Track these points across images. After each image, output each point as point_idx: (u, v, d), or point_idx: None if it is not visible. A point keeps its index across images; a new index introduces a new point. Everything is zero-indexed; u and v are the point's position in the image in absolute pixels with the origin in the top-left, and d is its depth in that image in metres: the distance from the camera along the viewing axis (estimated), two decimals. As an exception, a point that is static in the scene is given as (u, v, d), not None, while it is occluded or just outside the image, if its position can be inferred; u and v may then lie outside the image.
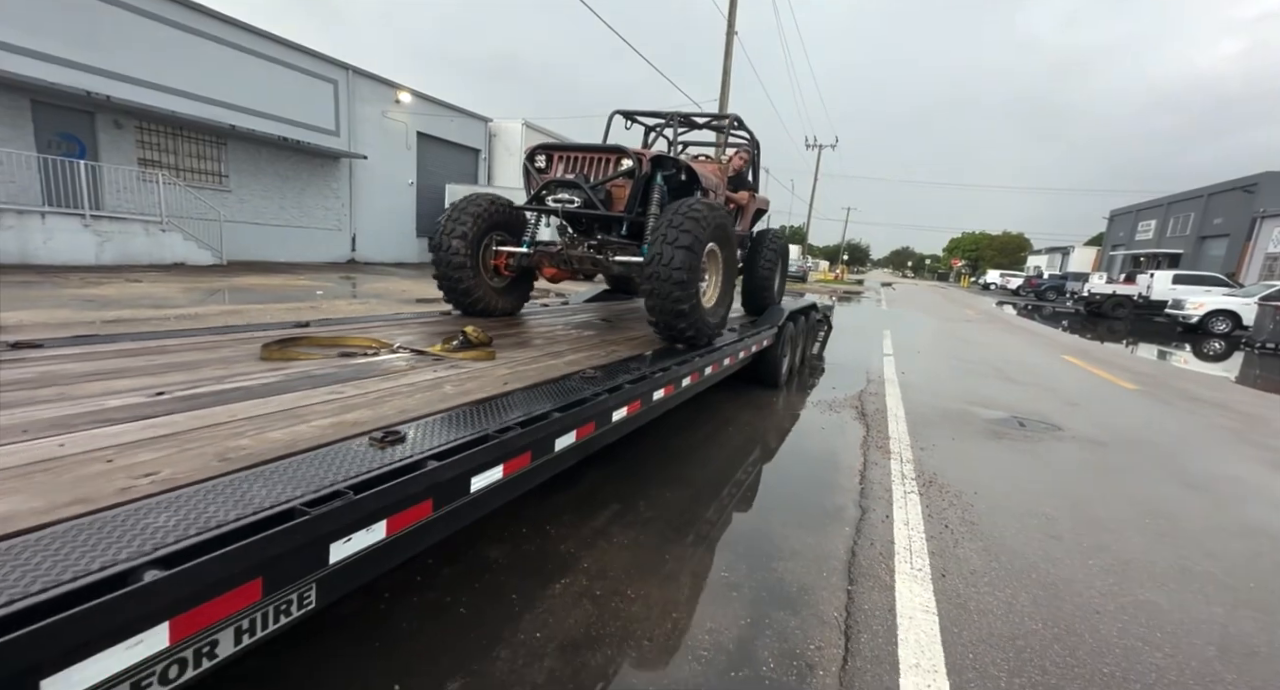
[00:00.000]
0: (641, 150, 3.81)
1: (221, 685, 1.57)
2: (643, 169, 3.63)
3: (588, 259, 3.88)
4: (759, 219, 6.07)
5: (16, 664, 0.75)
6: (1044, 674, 1.88)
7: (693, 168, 4.03)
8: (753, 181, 5.76)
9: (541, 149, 3.90)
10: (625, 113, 5.48)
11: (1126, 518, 3.22)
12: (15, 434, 1.34)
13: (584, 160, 3.76)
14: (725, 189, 4.86)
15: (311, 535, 1.15)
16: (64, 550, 0.92)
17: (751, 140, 5.67)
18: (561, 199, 3.68)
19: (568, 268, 4.06)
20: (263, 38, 14.99)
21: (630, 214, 3.67)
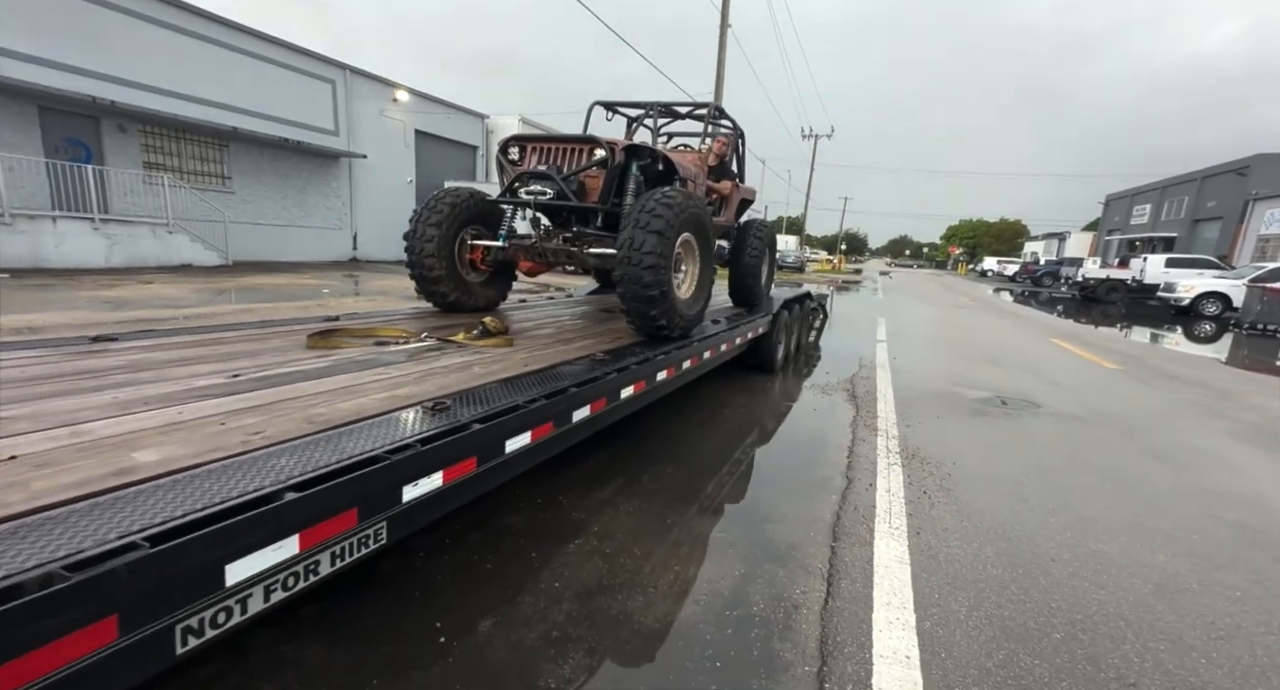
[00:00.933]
0: (614, 139, 3.73)
1: (299, 625, 1.87)
2: (616, 159, 3.59)
3: (562, 251, 3.85)
4: (744, 210, 5.97)
5: (210, 553, 1.04)
6: (999, 608, 2.18)
7: (669, 157, 3.99)
8: (737, 171, 5.67)
9: (515, 141, 3.88)
10: (605, 104, 5.39)
11: (1090, 483, 3.52)
12: (139, 406, 1.63)
13: (557, 151, 3.73)
14: (706, 179, 4.84)
15: (391, 478, 1.44)
16: (226, 478, 1.21)
17: (734, 129, 5.55)
18: (534, 191, 3.65)
19: (543, 261, 4.06)
20: (262, 39, 15.15)
21: (605, 205, 3.64)
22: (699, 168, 4.67)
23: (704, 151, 5.10)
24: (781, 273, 29.00)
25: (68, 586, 0.85)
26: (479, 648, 1.81)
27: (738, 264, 5.43)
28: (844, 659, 1.84)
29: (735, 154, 5.57)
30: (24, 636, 0.82)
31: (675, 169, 4.03)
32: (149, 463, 1.25)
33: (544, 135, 3.83)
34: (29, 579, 0.84)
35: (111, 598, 0.91)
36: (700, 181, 4.63)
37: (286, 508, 1.19)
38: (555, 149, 3.74)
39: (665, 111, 5.50)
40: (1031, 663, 1.86)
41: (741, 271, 5.41)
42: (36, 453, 1.26)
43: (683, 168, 4.21)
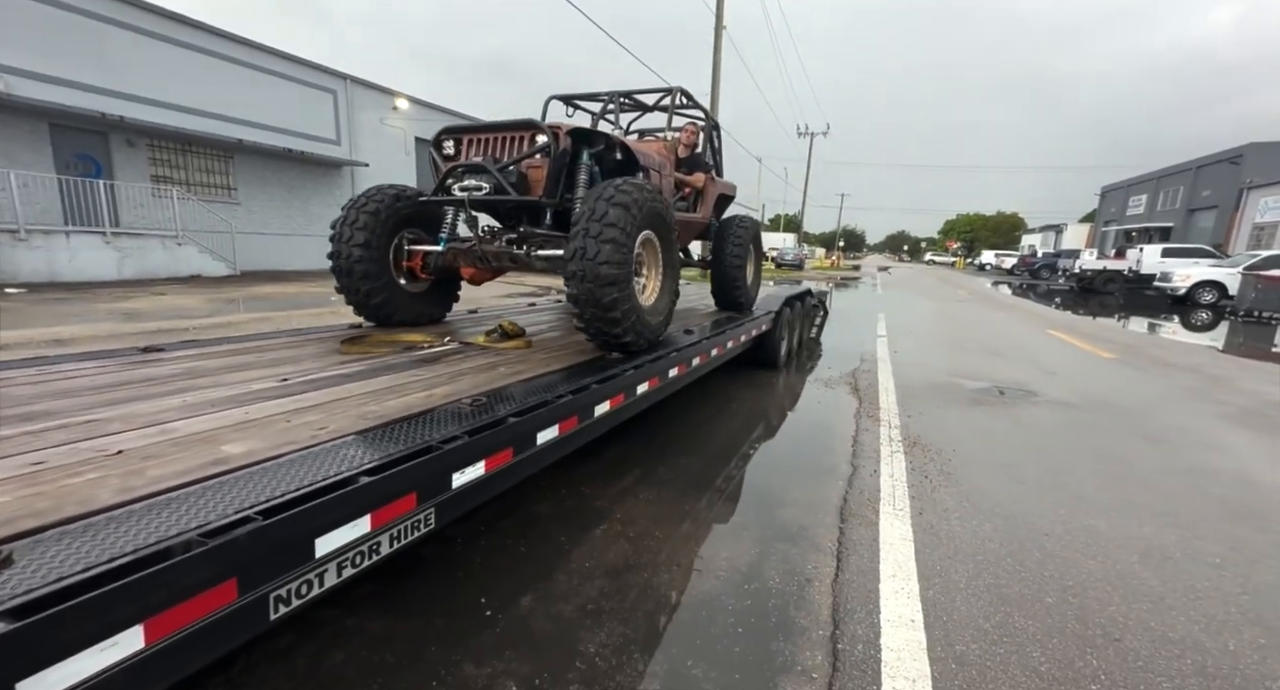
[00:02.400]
0: (559, 124, 3.34)
1: (358, 603, 2.04)
2: (560, 145, 3.20)
3: (505, 255, 3.44)
4: (725, 206, 5.58)
5: (306, 526, 1.21)
6: (996, 578, 2.35)
7: (627, 144, 3.59)
8: (712, 163, 5.27)
9: (449, 132, 3.49)
10: (563, 97, 5.04)
11: (1084, 464, 3.68)
12: (208, 407, 1.80)
13: (496, 142, 3.34)
14: (674, 170, 4.47)
15: (443, 465, 1.61)
16: (305, 466, 1.38)
17: (707, 118, 5.16)
18: (468, 186, 3.24)
19: (485, 266, 3.65)
20: (264, 52, 15.35)
21: (554, 200, 3.25)
22: (665, 157, 4.29)
23: (670, 139, 4.65)
24: (780, 271, 29.19)
25: (204, 551, 1.02)
26: (523, 619, 1.98)
27: (720, 265, 5.08)
28: (854, 623, 2.01)
29: (710, 146, 5.25)
30: (172, 591, 0.99)
31: (635, 158, 3.62)
32: (238, 454, 1.42)
33: (480, 124, 3.42)
34: (174, 543, 1.00)
35: (234, 562, 1.08)
36: (667, 172, 4.25)
37: (361, 490, 1.36)
38: (494, 139, 3.34)
39: (627, 100, 5.03)
40: (1025, 623, 2.03)
41: (724, 273, 5.09)
42: (139, 447, 1.43)
43: (644, 156, 3.81)
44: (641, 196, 2.88)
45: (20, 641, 0.77)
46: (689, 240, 5.21)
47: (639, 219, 2.86)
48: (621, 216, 2.72)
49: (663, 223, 3.21)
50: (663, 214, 3.18)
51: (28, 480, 1.20)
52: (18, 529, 0.99)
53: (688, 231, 4.89)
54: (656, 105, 5.10)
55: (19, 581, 0.84)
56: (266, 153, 15.30)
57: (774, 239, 50.23)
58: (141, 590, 0.91)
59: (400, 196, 3.58)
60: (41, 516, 1.04)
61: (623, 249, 2.72)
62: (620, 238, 2.70)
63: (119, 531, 1.03)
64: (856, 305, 14.50)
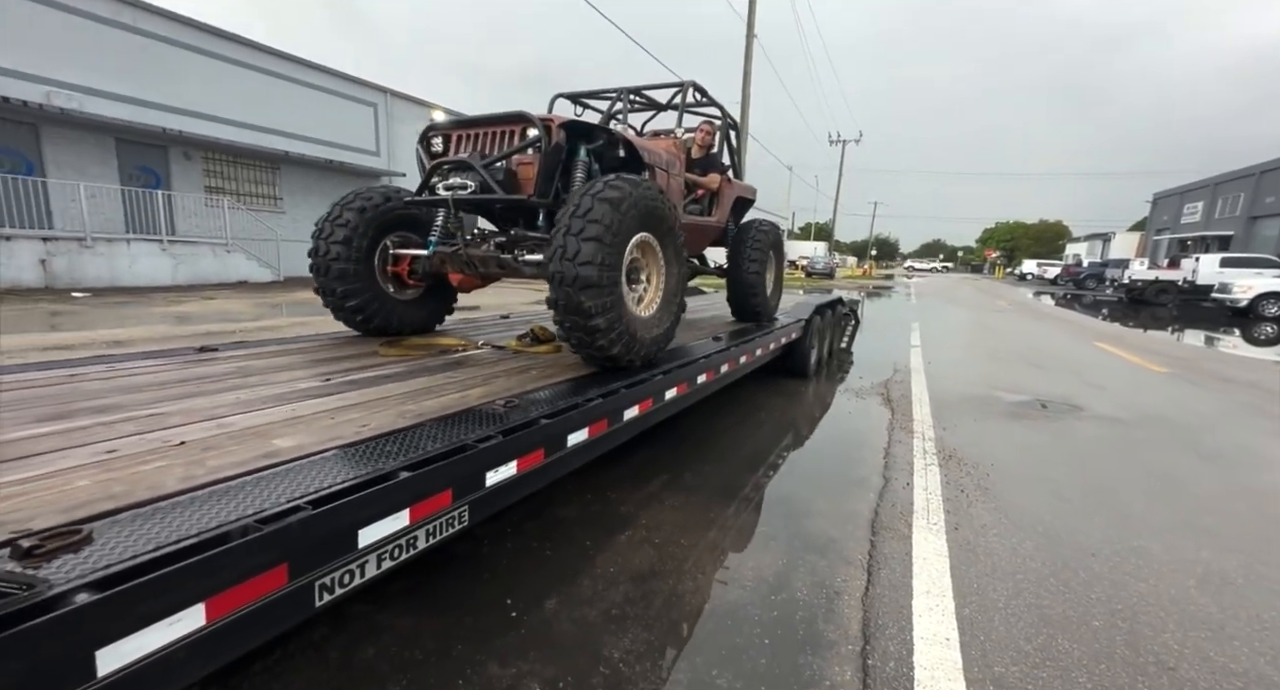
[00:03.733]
0: (551, 116, 3.07)
1: (388, 599, 2.10)
2: (553, 139, 2.93)
3: (492, 259, 3.18)
4: (744, 211, 5.28)
5: (351, 517, 1.27)
6: (1037, 598, 2.26)
7: (630, 140, 3.36)
8: (729, 164, 4.97)
9: (435, 129, 3.26)
10: (570, 95, 4.77)
11: (1134, 483, 3.52)
12: (259, 404, 1.90)
13: (486, 137, 3.09)
14: (685, 170, 4.23)
15: (478, 464, 1.66)
16: (350, 460, 1.45)
17: (723, 115, 4.88)
18: (453, 185, 3.01)
19: (473, 272, 3.37)
20: (310, 68, 16.11)
21: (547, 199, 2.99)
22: (674, 155, 4.01)
23: (680, 136, 4.36)
24: (810, 280, 28.81)
25: (259, 536, 1.08)
26: (547, 622, 2.01)
27: (736, 273, 4.77)
28: (885, 639, 1.97)
29: (727, 145, 4.95)
30: (230, 573, 1.05)
31: (639, 155, 3.40)
32: (288, 447, 1.50)
33: (469, 118, 3.19)
34: (233, 528, 1.07)
35: (285, 548, 1.14)
36: (676, 171, 3.97)
37: (401, 485, 1.42)
38: (483, 134, 3.09)
39: (641, 100, 4.76)
40: (1070, 646, 1.95)
41: (741, 282, 4.77)
42: (199, 439, 1.52)
43: (650, 154, 3.56)
44: (636, 193, 2.62)
45: (101, 612, 0.83)
46: (703, 246, 4.97)
47: (632, 218, 2.59)
48: (608, 213, 2.45)
49: (663, 225, 2.91)
50: (663, 214, 2.87)
51: (104, 466, 1.29)
52: (97, 510, 1.07)
53: (701, 237, 4.67)
54: (669, 104, 4.81)
55: (99, 557, 0.91)
56: (310, 164, 15.99)
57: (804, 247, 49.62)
58: (204, 571, 0.98)
59: (385, 197, 3.39)
60: (116, 499, 1.12)
61: (607, 248, 2.43)
62: (604, 235, 2.42)
63: (184, 515, 1.10)
64: (889, 315, 14.20)
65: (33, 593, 0.80)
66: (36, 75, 11.05)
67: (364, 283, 3.32)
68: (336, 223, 3.23)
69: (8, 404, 1.81)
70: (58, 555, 0.91)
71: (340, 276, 3.23)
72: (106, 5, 11.98)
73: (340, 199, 3.36)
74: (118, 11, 12.15)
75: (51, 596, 0.80)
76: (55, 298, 9.59)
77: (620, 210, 2.51)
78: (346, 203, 3.31)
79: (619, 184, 2.61)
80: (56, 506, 1.09)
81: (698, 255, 4.97)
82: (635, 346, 2.71)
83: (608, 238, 2.43)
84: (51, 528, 0.98)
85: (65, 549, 0.92)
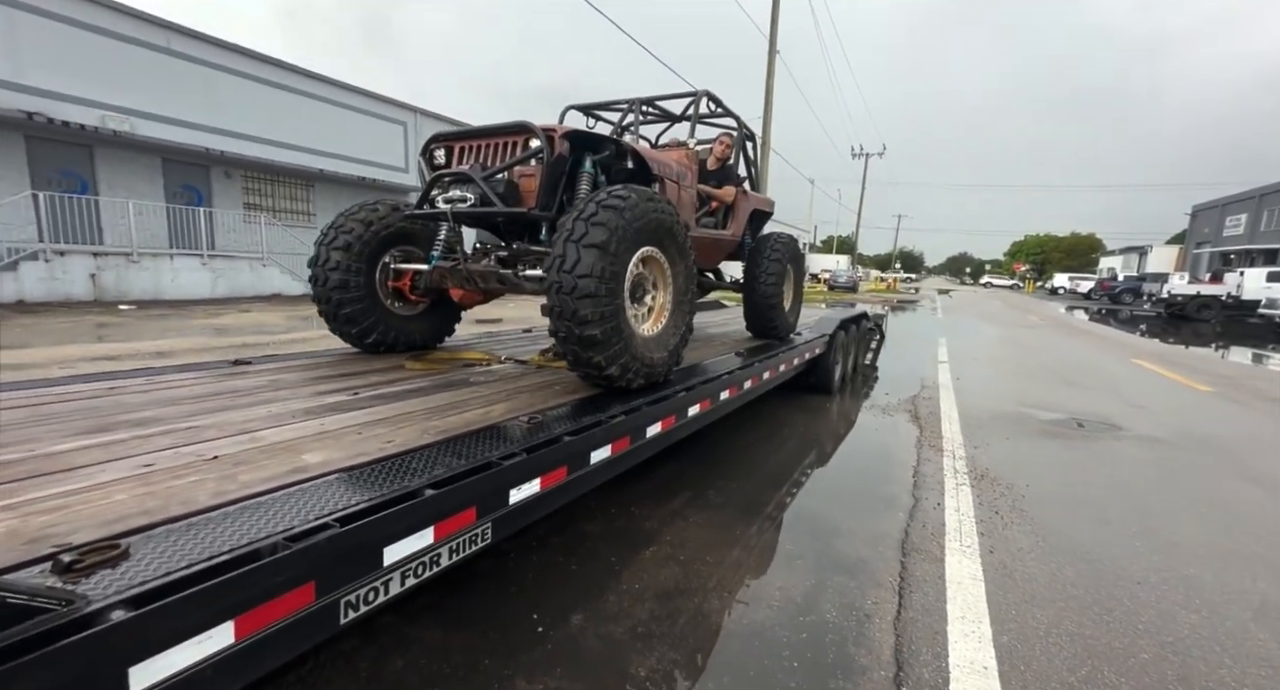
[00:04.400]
0: (554, 126, 2.97)
1: (416, 613, 2.11)
2: (555, 150, 2.83)
3: (492, 274, 3.06)
4: (761, 224, 5.16)
5: (377, 534, 1.27)
6: (1080, 627, 2.15)
7: (638, 150, 3.27)
8: (746, 176, 4.84)
9: (439, 140, 3.18)
10: (582, 107, 4.65)
11: (1180, 507, 3.34)
12: (289, 418, 1.94)
13: (487, 148, 3.01)
14: (699, 181, 4.13)
15: (502, 481, 1.65)
16: (376, 477, 1.46)
17: (739, 126, 4.71)
18: (452, 198, 2.94)
19: (473, 287, 3.26)
20: (344, 89, 16.72)
21: (550, 212, 2.90)
22: (687, 167, 3.87)
23: (692, 146, 4.19)
24: (833, 293, 28.49)
25: (289, 554, 1.09)
26: (573, 638, 1.98)
27: (753, 288, 4.62)
28: (920, 666, 1.89)
29: (744, 157, 4.82)
30: (260, 590, 1.06)
31: (648, 166, 3.30)
32: (316, 463, 1.52)
33: (471, 129, 3.10)
34: (263, 545, 1.08)
35: (314, 566, 1.15)
36: (688, 183, 3.84)
37: (426, 503, 1.42)
38: (485, 146, 3.03)
39: (654, 112, 4.65)
40: (1117, 680, 1.84)
41: (757, 297, 4.60)
42: (232, 454, 1.55)
43: (660, 165, 3.45)
44: (644, 204, 2.52)
45: (136, 629, 0.84)
46: (718, 260, 4.85)
47: (638, 229, 2.48)
48: (612, 219, 2.35)
49: (671, 237, 2.78)
50: (673, 230, 2.76)
51: (140, 480, 1.33)
52: (133, 525, 1.09)
53: (716, 250, 4.56)
54: (683, 115, 4.70)
55: (135, 573, 0.93)
56: (343, 181, 16.51)
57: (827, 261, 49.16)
58: (235, 588, 0.98)
59: (391, 210, 3.35)
60: (151, 514, 1.15)
61: (610, 256, 2.32)
62: (608, 243, 2.31)
63: (216, 531, 1.11)
64: (915, 329, 13.92)
65: (71, 608, 0.81)
66: (93, 100, 11.70)
67: (364, 298, 3.24)
68: (335, 245, 3.16)
69: (53, 417, 1.88)
70: (96, 570, 0.92)
71: (343, 293, 3.16)
72: (158, 33, 12.66)
73: (340, 215, 3.28)
74: (168, 39, 12.84)
75: (90, 612, 0.82)
76: (103, 310, 10.03)
77: (625, 218, 2.41)
78: (348, 218, 3.25)
79: (626, 193, 2.52)
80: (96, 520, 1.11)
81: (713, 269, 4.88)
82: (634, 366, 2.53)
83: (611, 245, 2.32)
84: (91, 542, 1.00)
85: (103, 564, 0.94)
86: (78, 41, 11.49)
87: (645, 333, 2.73)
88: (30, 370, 5.19)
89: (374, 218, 3.27)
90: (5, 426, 1.73)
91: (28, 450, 1.50)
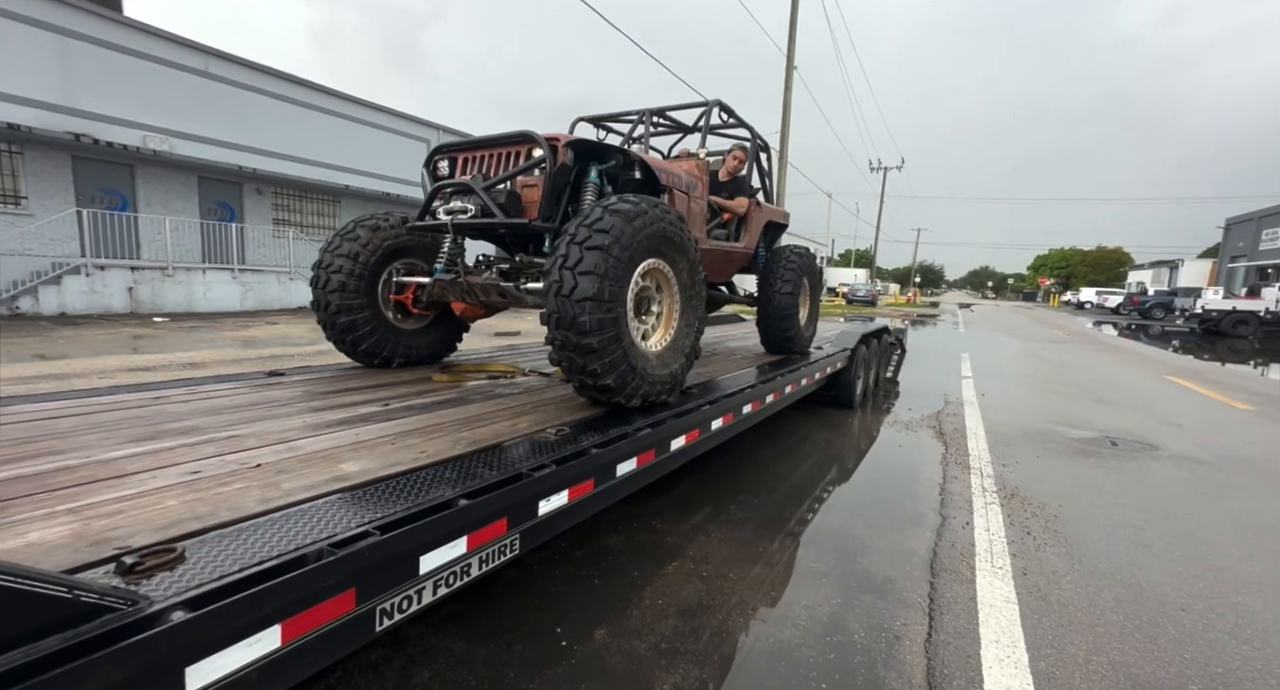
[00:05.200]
0: (558, 135, 2.89)
1: (442, 623, 2.12)
2: (559, 160, 2.78)
3: (493, 287, 3.00)
4: (776, 236, 5.06)
5: (410, 546, 1.30)
6: (1122, 655, 2.08)
7: (645, 160, 3.17)
8: (760, 187, 4.75)
9: (443, 151, 3.15)
10: (592, 119, 4.65)
11: (1224, 531, 3.22)
12: (325, 428, 1.99)
13: (491, 158, 2.98)
14: (711, 193, 4.08)
15: (532, 492, 1.67)
16: (411, 486, 1.49)
17: (753, 136, 4.62)
18: (453, 209, 2.89)
19: (474, 301, 3.19)
20: (370, 108, 17.27)
21: (552, 222, 2.83)
22: (696, 177, 3.80)
23: (702, 156, 4.11)
24: (851, 307, 28.24)
25: (334, 560, 1.12)
26: (597, 653, 1.97)
27: (767, 302, 4.53)
28: (953, 692, 1.84)
29: (758, 167, 4.70)
30: (306, 595, 1.08)
31: (655, 176, 3.22)
32: (354, 471, 1.55)
33: (474, 140, 3.06)
34: (309, 551, 1.11)
35: (355, 572, 1.17)
36: (699, 194, 3.76)
37: (461, 512, 1.44)
38: (489, 156, 2.99)
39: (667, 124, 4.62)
40: (1163, 712, 1.77)
41: (772, 311, 4.51)
42: (273, 462, 1.60)
43: (668, 175, 3.37)
44: (652, 213, 2.45)
45: (194, 630, 0.87)
46: (730, 273, 4.72)
47: (645, 237, 2.41)
48: (618, 225, 2.29)
49: (679, 250, 2.68)
50: (681, 242, 2.66)
51: (189, 487, 1.37)
52: (186, 530, 1.13)
53: (728, 263, 4.45)
54: (695, 126, 4.62)
55: (192, 576, 0.96)
56: (369, 196, 16.97)
57: (845, 275, 48.83)
58: (284, 592, 1.01)
59: (397, 223, 3.33)
60: (202, 520, 1.19)
61: (613, 261, 2.24)
62: (612, 247, 2.23)
63: (263, 537, 1.15)
64: (937, 344, 13.71)
65: (136, 608, 0.84)
66: (135, 121, 12.26)
67: (364, 307, 3.19)
68: (339, 253, 3.13)
69: (102, 425, 1.96)
70: (155, 573, 0.96)
71: (345, 307, 3.12)
72: (197, 57, 13.27)
73: (342, 228, 3.26)
74: (206, 62, 13.44)
75: (152, 613, 0.85)
76: (138, 322, 10.39)
77: (634, 225, 2.34)
78: (350, 231, 3.22)
79: (634, 200, 2.45)
80: (151, 525, 1.16)
81: (727, 283, 4.79)
82: (633, 381, 2.40)
83: (615, 249, 2.24)
84: (149, 545, 1.04)
85: (161, 567, 0.98)
86: (123, 66, 12.09)
87: (648, 347, 2.63)
88: (72, 380, 5.39)
89: (372, 232, 3.23)
90: (62, 434, 1.80)
91: (84, 457, 1.57)
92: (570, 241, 2.26)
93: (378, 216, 3.32)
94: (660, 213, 2.52)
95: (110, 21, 11.95)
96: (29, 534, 1.08)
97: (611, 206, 2.36)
